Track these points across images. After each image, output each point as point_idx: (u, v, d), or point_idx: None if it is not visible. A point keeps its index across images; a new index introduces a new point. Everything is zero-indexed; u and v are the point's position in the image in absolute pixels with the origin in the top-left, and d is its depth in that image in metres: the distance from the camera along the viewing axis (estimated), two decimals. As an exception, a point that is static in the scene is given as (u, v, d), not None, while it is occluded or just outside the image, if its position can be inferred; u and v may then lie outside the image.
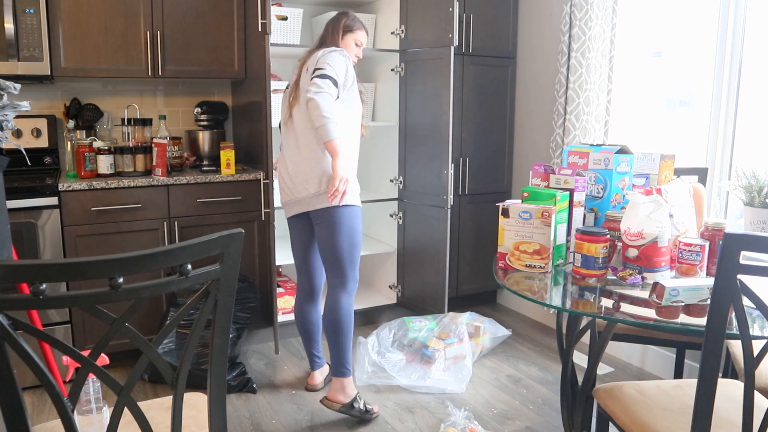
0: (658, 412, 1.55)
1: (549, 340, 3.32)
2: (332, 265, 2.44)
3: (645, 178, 1.99)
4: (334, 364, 2.47)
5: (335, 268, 2.44)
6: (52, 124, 3.00)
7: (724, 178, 2.62)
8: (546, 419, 2.50)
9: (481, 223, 3.66)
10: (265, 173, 2.92)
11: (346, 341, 2.44)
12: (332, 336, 2.45)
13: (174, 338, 2.69)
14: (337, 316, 2.43)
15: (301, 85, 2.38)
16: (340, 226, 2.38)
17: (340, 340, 2.44)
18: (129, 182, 2.74)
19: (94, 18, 2.82)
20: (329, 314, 2.44)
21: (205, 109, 3.22)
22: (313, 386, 2.74)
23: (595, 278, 1.70)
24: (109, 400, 2.35)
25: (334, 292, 2.46)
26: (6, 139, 1.81)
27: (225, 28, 3.08)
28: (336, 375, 2.46)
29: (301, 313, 2.66)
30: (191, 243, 1.01)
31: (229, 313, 1.12)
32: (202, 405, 1.55)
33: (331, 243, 2.40)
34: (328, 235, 2.39)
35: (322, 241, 2.42)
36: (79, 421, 1.33)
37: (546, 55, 3.42)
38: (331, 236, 2.39)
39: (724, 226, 1.71)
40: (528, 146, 3.62)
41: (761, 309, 1.24)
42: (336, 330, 2.43)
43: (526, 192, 1.89)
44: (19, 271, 0.90)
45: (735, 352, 1.94)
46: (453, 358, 2.85)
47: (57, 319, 2.69)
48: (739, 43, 2.55)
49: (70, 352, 0.98)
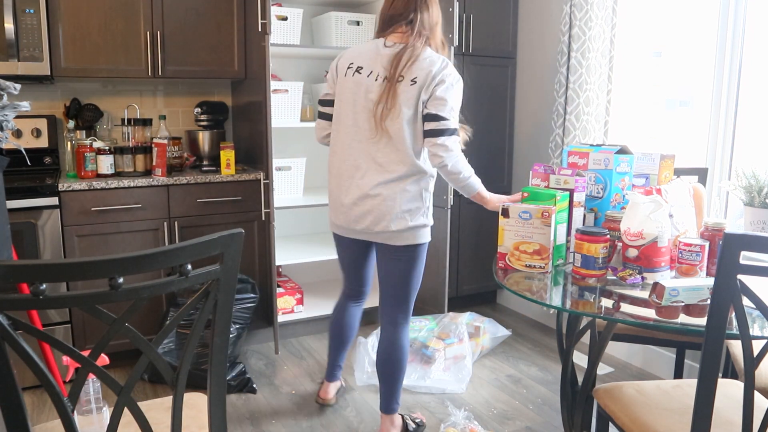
0: (658, 412, 1.55)
1: (549, 340, 3.32)
2: (395, 300, 2.19)
3: (645, 178, 1.99)
4: (385, 400, 2.25)
5: (398, 303, 2.19)
6: (52, 124, 3.00)
7: (724, 178, 2.62)
8: (546, 419, 2.50)
9: (481, 223, 3.66)
10: (265, 173, 2.92)
11: (402, 378, 2.24)
12: (390, 373, 2.21)
13: (174, 338, 2.69)
14: (398, 354, 2.19)
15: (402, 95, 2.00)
16: (417, 262, 2.15)
17: (399, 378, 2.22)
18: (129, 182, 2.74)
19: (94, 18, 2.82)
20: (388, 350, 2.20)
21: (205, 109, 3.22)
22: (326, 400, 2.55)
23: (595, 278, 1.70)
24: (109, 400, 2.35)
25: (395, 327, 2.20)
26: (6, 139, 1.81)
27: (225, 28, 3.09)
28: (387, 412, 2.26)
29: (343, 314, 2.45)
30: (191, 243, 1.01)
31: (229, 313, 1.12)
32: (202, 405, 1.55)
33: (402, 280, 2.16)
34: (402, 269, 2.14)
35: (390, 271, 2.17)
36: (79, 421, 1.33)
37: (546, 55, 3.42)
38: (405, 271, 2.14)
39: (724, 226, 1.71)
40: (528, 146, 3.62)
41: (761, 309, 1.24)
42: (395, 367, 2.20)
43: (526, 192, 1.89)
44: (19, 271, 0.90)
45: (735, 352, 1.94)
46: (453, 358, 2.85)
47: (57, 319, 2.69)
48: (739, 43, 2.55)
49: (70, 352, 0.98)
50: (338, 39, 3.31)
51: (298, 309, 3.26)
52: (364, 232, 2.13)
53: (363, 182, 2.08)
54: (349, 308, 2.46)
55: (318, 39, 3.50)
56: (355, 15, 3.35)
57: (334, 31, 3.30)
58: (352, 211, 2.12)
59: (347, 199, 2.13)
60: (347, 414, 2.53)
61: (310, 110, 3.46)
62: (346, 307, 2.46)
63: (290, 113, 3.19)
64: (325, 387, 2.58)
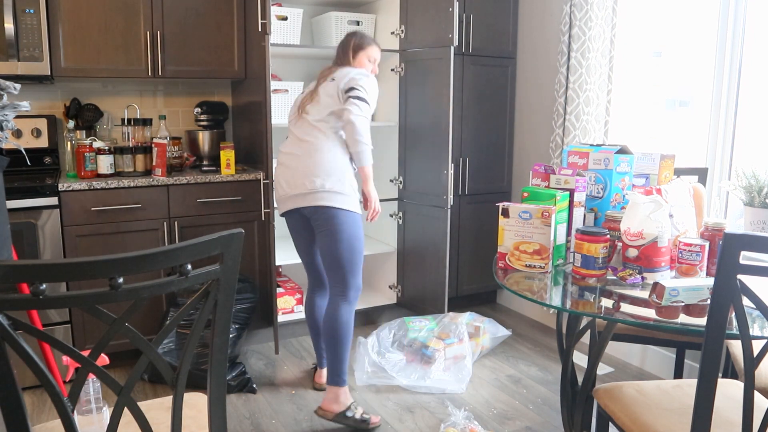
0: (658, 412, 1.55)
1: (549, 340, 3.32)
2: (333, 273, 2.42)
3: (645, 178, 1.99)
4: (329, 372, 2.43)
5: (336, 276, 2.41)
6: (52, 124, 3.00)
7: (724, 178, 2.62)
8: (546, 419, 2.50)
9: (481, 223, 3.66)
10: (265, 173, 2.92)
11: (344, 351, 2.41)
12: (330, 344, 2.41)
13: (174, 338, 2.69)
14: (336, 325, 2.39)
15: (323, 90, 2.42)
16: (341, 234, 2.35)
17: (337, 349, 2.40)
18: (129, 182, 2.74)
19: (94, 18, 2.82)
20: (328, 322, 2.41)
21: (205, 109, 3.22)
22: (320, 385, 2.73)
23: (595, 278, 1.70)
24: (109, 400, 2.35)
25: (335, 300, 2.43)
26: (6, 139, 1.81)
27: (225, 28, 3.09)
28: (330, 384, 2.43)
29: (312, 307, 2.66)
30: (191, 243, 1.01)
31: (229, 313, 1.12)
32: (202, 405, 1.55)
33: (332, 250, 2.38)
34: (329, 242, 2.37)
35: (322, 248, 2.41)
36: (79, 421, 1.33)
37: (546, 55, 3.42)
38: (332, 243, 2.36)
39: (724, 226, 1.71)
40: (528, 146, 3.62)
41: (761, 309, 1.24)
42: (334, 339, 2.40)
43: (526, 192, 1.89)
44: (19, 271, 0.90)
45: (735, 352, 1.94)
46: (453, 358, 2.85)
47: (57, 319, 2.69)
48: (739, 43, 2.55)
49: (70, 352, 0.98)
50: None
51: (298, 309, 3.26)
52: None
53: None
54: (315, 301, 2.67)
55: (318, 39, 3.50)
56: (355, 15, 3.35)
57: (334, 31, 3.30)
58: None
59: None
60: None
61: (310, 110, 3.46)
62: (313, 300, 2.69)
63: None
64: (318, 373, 2.76)
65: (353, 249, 2.39)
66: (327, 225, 2.36)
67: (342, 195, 2.35)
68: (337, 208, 2.34)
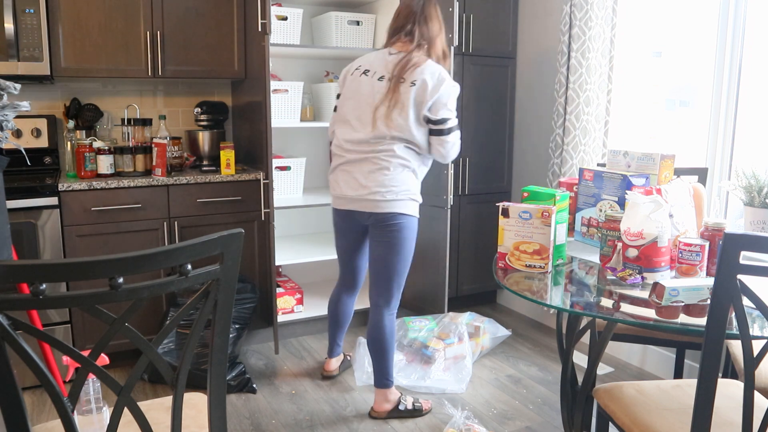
0: (658, 412, 1.55)
1: (549, 340, 3.32)
2: (380, 281, 2.39)
3: (645, 178, 1.99)
4: (377, 377, 2.46)
5: (383, 285, 2.39)
6: (52, 124, 3.00)
7: (724, 178, 2.62)
8: (546, 419, 2.50)
9: (481, 223, 3.66)
10: (265, 173, 2.92)
11: (390, 357, 2.44)
12: (376, 353, 2.43)
13: (174, 338, 2.69)
14: (381, 336, 2.40)
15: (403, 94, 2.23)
16: (400, 246, 2.32)
17: (384, 356, 2.43)
18: (129, 182, 2.74)
19: (94, 18, 2.82)
20: (373, 333, 2.42)
21: (205, 109, 3.22)
22: (329, 372, 2.82)
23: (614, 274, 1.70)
24: (109, 400, 2.35)
25: (378, 311, 2.41)
26: (6, 139, 1.81)
27: (225, 28, 3.09)
28: (378, 387, 2.47)
29: (338, 302, 2.70)
30: (191, 243, 1.01)
31: (229, 313, 1.12)
32: (202, 405, 1.55)
33: (386, 261, 2.35)
34: (385, 252, 2.33)
35: (376, 256, 2.37)
36: (79, 421, 1.33)
37: (546, 55, 3.42)
38: (388, 254, 2.33)
39: (724, 226, 1.70)
40: (528, 146, 3.62)
41: (761, 309, 1.23)
42: (380, 348, 2.42)
43: (526, 192, 1.89)
44: (19, 271, 0.90)
45: (735, 352, 1.94)
46: (453, 358, 2.85)
47: (57, 319, 2.69)
48: (739, 43, 2.55)
49: (70, 352, 0.98)
50: (338, 39, 3.31)
51: (297, 309, 3.26)
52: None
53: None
54: (342, 298, 2.71)
55: (318, 39, 3.50)
56: (355, 15, 3.35)
57: (334, 31, 3.30)
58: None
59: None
60: (347, 414, 2.53)
61: (310, 110, 3.46)
62: (340, 296, 2.71)
63: (290, 113, 3.19)
64: (328, 362, 2.85)
65: (407, 262, 2.39)
66: (386, 232, 2.32)
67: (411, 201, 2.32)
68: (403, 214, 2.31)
